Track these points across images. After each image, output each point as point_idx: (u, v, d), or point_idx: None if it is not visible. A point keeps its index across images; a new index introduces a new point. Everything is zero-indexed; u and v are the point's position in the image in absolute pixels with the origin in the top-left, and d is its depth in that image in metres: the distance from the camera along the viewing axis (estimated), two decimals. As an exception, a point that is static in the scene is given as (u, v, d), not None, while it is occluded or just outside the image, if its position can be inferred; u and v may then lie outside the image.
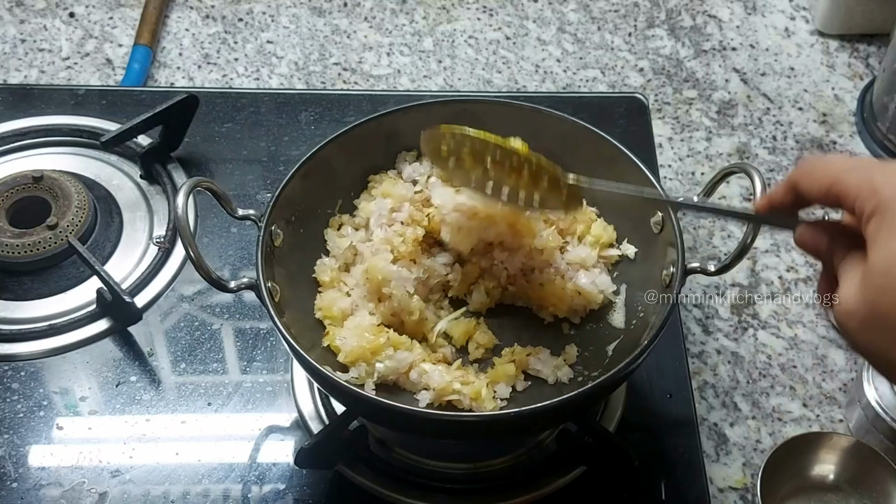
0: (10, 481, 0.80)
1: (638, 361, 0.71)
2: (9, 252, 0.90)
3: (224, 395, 0.86)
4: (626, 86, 1.14)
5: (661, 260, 0.77)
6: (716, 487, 0.83)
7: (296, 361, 0.80)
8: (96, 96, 1.07)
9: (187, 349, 0.88)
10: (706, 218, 1.01)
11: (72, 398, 0.85)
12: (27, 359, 0.87)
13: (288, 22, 1.21)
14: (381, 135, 0.85)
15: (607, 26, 1.21)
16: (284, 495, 0.80)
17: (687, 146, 1.08)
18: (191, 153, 1.02)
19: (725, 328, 0.94)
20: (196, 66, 1.16)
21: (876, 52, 1.17)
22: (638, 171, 0.80)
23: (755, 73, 1.15)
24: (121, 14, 1.21)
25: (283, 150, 1.03)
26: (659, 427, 0.85)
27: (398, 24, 1.21)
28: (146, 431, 0.83)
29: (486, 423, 0.72)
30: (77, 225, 0.92)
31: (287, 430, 0.84)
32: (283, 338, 0.72)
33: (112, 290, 0.87)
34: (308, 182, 0.81)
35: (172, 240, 0.95)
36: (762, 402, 0.89)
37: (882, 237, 0.49)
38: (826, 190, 0.53)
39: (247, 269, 0.93)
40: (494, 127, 0.86)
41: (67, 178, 0.95)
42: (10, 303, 0.91)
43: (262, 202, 0.97)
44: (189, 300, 0.91)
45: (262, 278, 0.73)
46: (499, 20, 1.22)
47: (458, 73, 1.16)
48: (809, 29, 1.20)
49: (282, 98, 1.08)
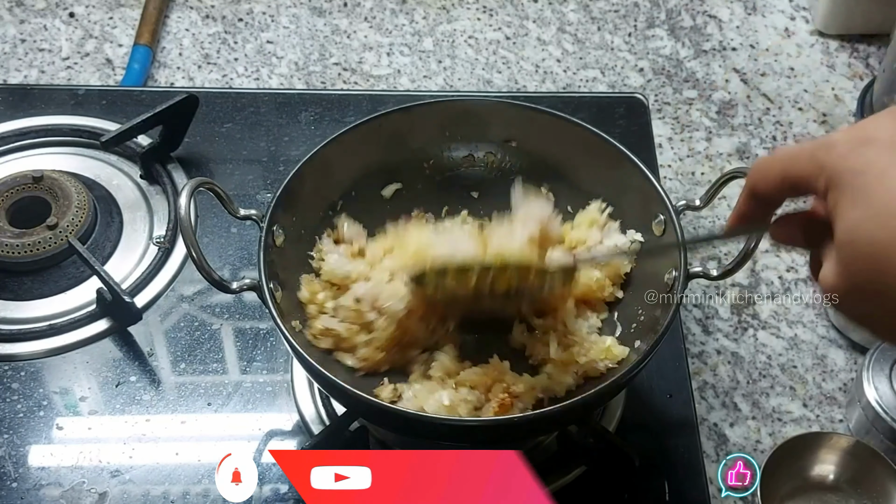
0: (10, 481, 0.80)
1: (640, 366, 0.71)
2: (9, 252, 0.90)
3: (224, 396, 0.86)
4: (626, 86, 1.14)
5: (663, 262, 0.77)
6: (715, 487, 0.83)
7: (296, 362, 0.80)
8: (96, 96, 1.07)
9: (187, 349, 0.88)
10: (706, 218, 1.01)
11: (72, 398, 0.85)
12: (27, 359, 0.87)
13: (288, 22, 1.21)
14: (381, 135, 0.85)
15: (607, 26, 1.21)
16: (285, 496, 0.80)
17: (687, 146, 1.08)
18: (191, 153, 1.02)
19: (725, 328, 0.94)
20: (196, 66, 1.16)
21: (876, 52, 1.17)
22: (638, 172, 0.80)
23: (755, 74, 1.15)
24: (121, 14, 1.21)
25: (283, 150, 1.03)
26: (659, 427, 0.85)
27: (398, 24, 1.21)
28: (146, 431, 0.83)
29: (487, 427, 0.72)
30: (77, 225, 0.92)
31: (287, 430, 0.84)
32: (284, 339, 0.72)
33: (112, 290, 0.87)
34: (309, 182, 0.81)
35: (172, 240, 0.95)
36: (762, 402, 0.89)
37: (840, 208, 0.49)
38: (780, 184, 0.54)
39: (247, 269, 0.93)
40: (495, 127, 0.87)
41: (67, 178, 0.95)
42: (10, 303, 0.91)
43: (262, 202, 0.97)
44: (189, 300, 0.91)
45: (263, 279, 0.73)
46: (499, 20, 1.22)
47: (458, 73, 1.16)
48: (809, 29, 1.20)
49: (282, 98, 1.08)
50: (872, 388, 0.83)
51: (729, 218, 0.59)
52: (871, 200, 0.48)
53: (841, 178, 0.49)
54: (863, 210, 0.48)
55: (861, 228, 0.48)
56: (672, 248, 0.76)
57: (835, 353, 0.92)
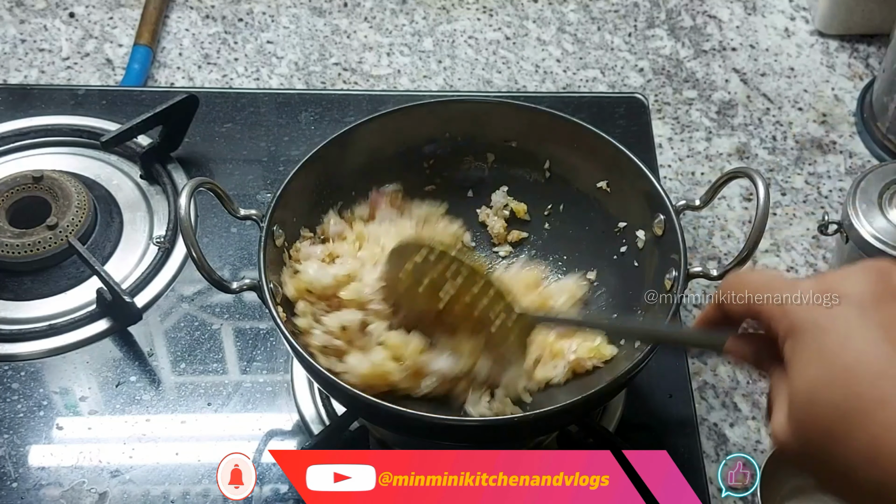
0: (10, 481, 0.80)
1: (640, 366, 0.71)
2: (9, 252, 0.90)
3: (224, 396, 0.86)
4: (626, 86, 1.14)
5: (663, 262, 0.77)
6: (715, 487, 0.83)
7: (296, 362, 0.80)
8: (96, 96, 1.07)
9: (187, 349, 0.88)
10: (706, 218, 1.01)
11: (72, 398, 0.85)
12: (27, 359, 0.87)
13: (288, 22, 1.21)
14: (381, 135, 0.85)
15: (607, 26, 1.21)
16: (285, 496, 0.80)
17: (687, 146, 1.08)
18: (191, 153, 1.02)
19: (725, 328, 0.94)
20: (196, 66, 1.16)
21: (876, 52, 1.17)
22: (638, 172, 0.80)
23: (755, 74, 1.15)
24: (121, 14, 1.21)
25: (283, 150, 1.03)
26: (659, 427, 0.85)
27: (398, 24, 1.21)
28: (146, 431, 0.83)
29: (487, 427, 0.72)
30: (77, 225, 0.92)
31: (287, 430, 0.84)
32: (284, 339, 0.72)
33: (112, 290, 0.87)
34: (309, 182, 0.81)
35: (172, 240, 0.95)
36: (762, 402, 0.89)
37: (798, 361, 0.48)
38: (745, 311, 0.52)
39: (247, 269, 0.93)
40: (495, 127, 0.87)
41: (67, 178, 0.95)
42: (10, 303, 0.91)
43: (262, 202, 0.97)
44: (189, 300, 0.91)
45: (264, 279, 0.73)
46: (499, 20, 1.22)
47: (458, 73, 1.16)
48: (809, 29, 1.20)
49: (282, 98, 1.08)
50: (872, 388, 0.83)
51: (696, 319, 0.58)
52: (832, 363, 0.47)
53: (803, 330, 0.48)
54: (822, 370, 0.47)
55: (819, 392, 0.47)
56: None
57: (835, 353, 0.92)
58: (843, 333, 0.47)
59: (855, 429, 0.46)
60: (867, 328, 0.47)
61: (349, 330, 0.77)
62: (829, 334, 0.47)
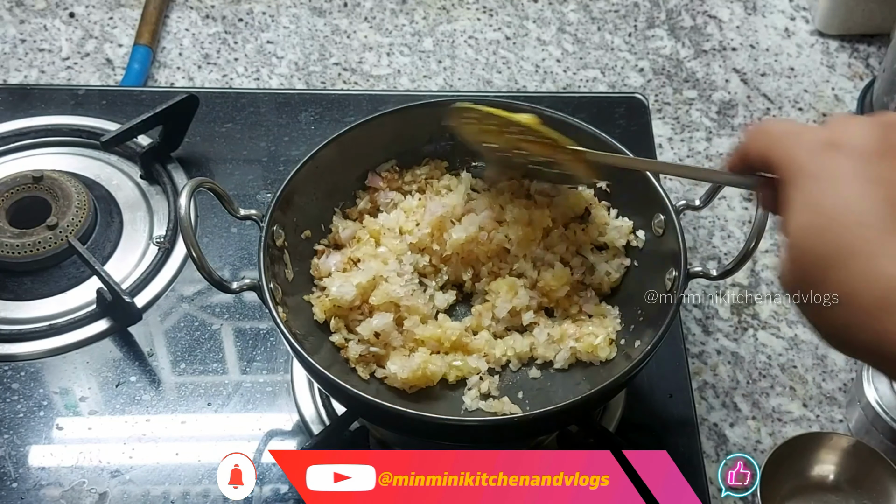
0: (10, 481, 0.80)
1: (641, 366, 0.71)
2: (9, 252, 0.90)
3: (224, 396, 0.86)
4: (626, 86, 1.14)
5: (663, 262, 0.77)
6: (716, 487, 0.83)
7: (296, 362, 0.80)
8: (96, 96, 1.07)
9: (187, 349, 0.88)
10: (706, 218, 1.01)
11: (72, 398, 0.85)
12: (27, 359, 0.87)
13: (288, 22, 1.21)
14: (381, 135, 0.85)
15: (607, 26, 1.21)
16: (285, 496, 0.80)
17: (687, 146, 1.08)
18: (191, 153, 1.02)
19: (725, 328, 0.94)
20: (196, 66, 1.16)
21: (876, 52, 1.17)
22: (638, 172, 0.80)
23: (755, 74, 1.15)
24: (121, 14, 1.21)
25: (283, 150, 1.03)
26: (659, 427, 0.85)
27: (398, 24, 1.21)
28: (146, 431, 0.83)
29: (488, 427, 0.72)
30: (77, 225, 0.92)
31: (287, 430, 0.84)
32: (285, 339, 0.72)
33: (112, 290, 0.87)
34: (308, 182, 0.81)
35: (172, 240, 0.95)
36: (762, 402, 0.89)
37: (791, 209, 0.49)
38: (761, 158, 0.53)
39: (247, 269, 0.93)
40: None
41: (67, 178, 0.95)
42: (10, 303, 0.91)
43: (262, 202, 0.97)
44: (189, 300, 0.91)
45: (264, 279, 0.73)
46: (499, 20, 1.22)
47: (458, 73, 1.16)
48: (809, 29, 1.20)
49: (282, 98, 1.08)
50: (872, 388, 0.83)
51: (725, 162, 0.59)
52: (820, 209, 0.47)
53: (798, 176, 0.49)
54: (807, 218, 0.48)
55: (804, 238, 0.48)
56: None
57: (835, 353, 0.92)
58: (832, 183, 0.48)
59: (830, 277, 0.47)
60: (857, 180, 0.47)
61: (384, 333, 0.77)
62: (817, 182, 0.48)
